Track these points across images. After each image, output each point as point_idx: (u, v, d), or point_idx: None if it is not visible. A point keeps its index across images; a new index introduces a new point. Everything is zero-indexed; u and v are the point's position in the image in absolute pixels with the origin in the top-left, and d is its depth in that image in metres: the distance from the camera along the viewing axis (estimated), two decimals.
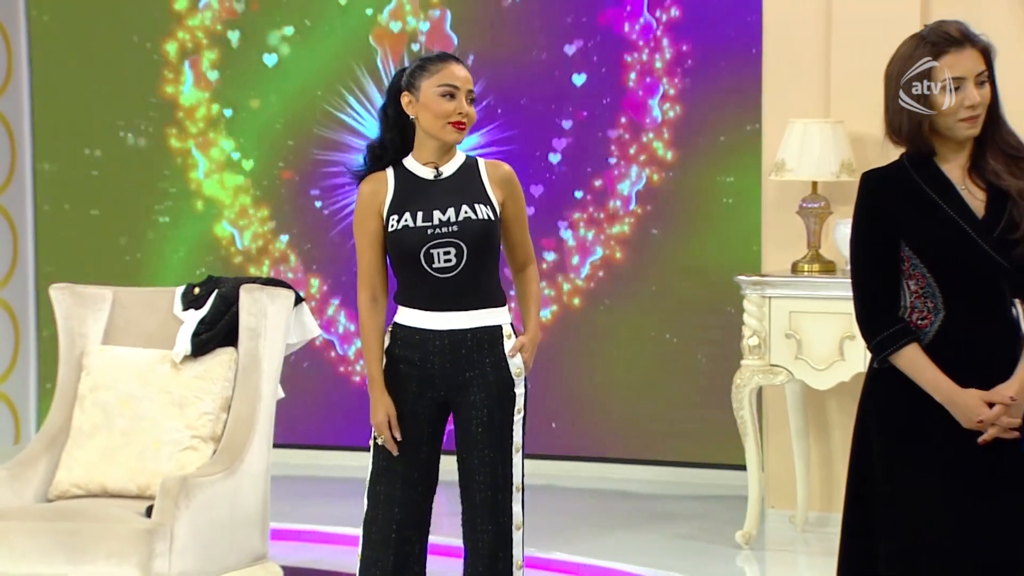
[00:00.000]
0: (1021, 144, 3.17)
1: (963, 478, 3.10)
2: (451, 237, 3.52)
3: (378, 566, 3.58)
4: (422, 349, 3.56)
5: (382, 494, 3.58)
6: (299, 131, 7.14)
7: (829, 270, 5.45)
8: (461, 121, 3.54)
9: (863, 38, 5.33)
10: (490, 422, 3.56)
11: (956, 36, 3.11)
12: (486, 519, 3.55)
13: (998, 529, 3.09)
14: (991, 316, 3.13)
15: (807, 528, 5.63)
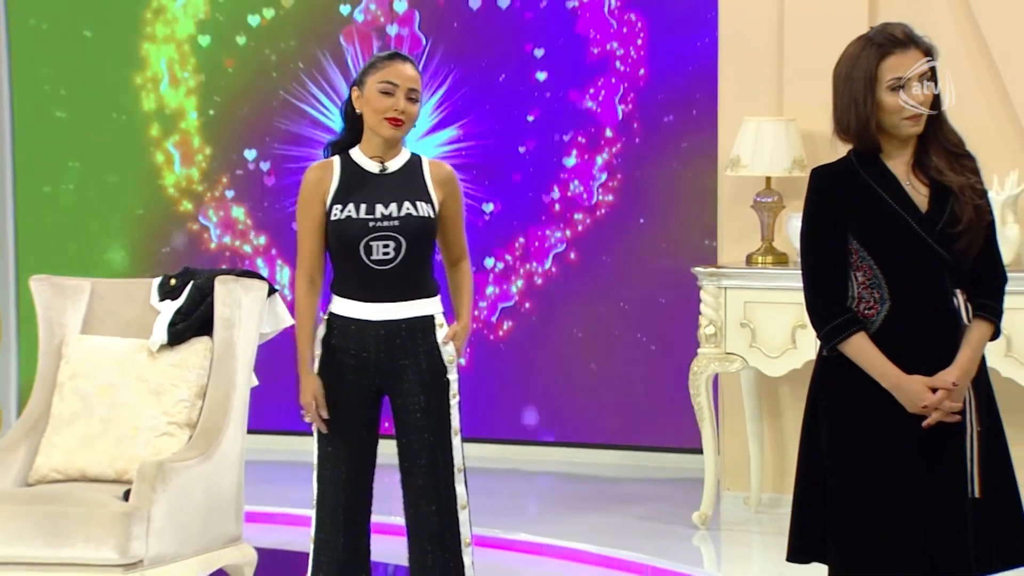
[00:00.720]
0: (962, 142, 3.21)
1: (907, 460, 3.13)
2: (391, 231, 3.53)
3: (331, 547, 3.60)
4: (358, 338, 3.57)
5: (328, 479, 3.60)
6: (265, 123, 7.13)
7: (782, 262, 5.47)
8: (397, 118, 3.54)
9: (814, 39, 5.35)
10: (427, 407, 3.57)
11: (901, 38, 3.14)
12: (431, 500, 3.56)
13: (940, 506, 3.13)
14: (934, 306, 3.16)
15: (760, 509, 5.66)
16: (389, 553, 4.24)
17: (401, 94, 3.54)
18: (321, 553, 3.62)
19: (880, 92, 3.12)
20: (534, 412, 6.80)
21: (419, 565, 3.59)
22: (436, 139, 6.85)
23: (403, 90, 3.54)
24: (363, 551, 3.64)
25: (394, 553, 4.47)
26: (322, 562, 3.63)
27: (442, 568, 3.57)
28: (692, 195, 6.46)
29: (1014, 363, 5.04)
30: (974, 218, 3.14)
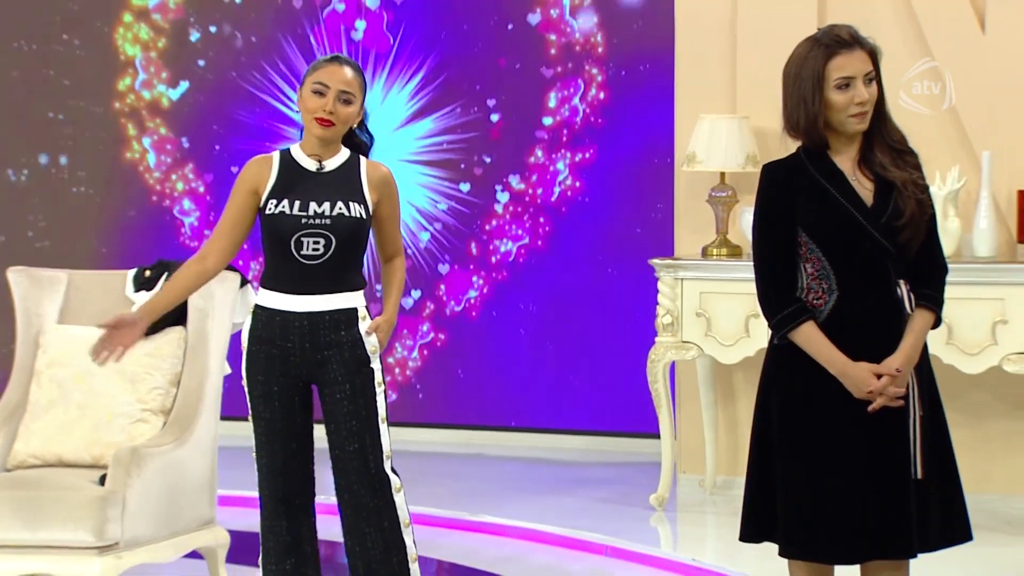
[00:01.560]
0: (905, 139, 3.22)
1: (853, 443, 3.15)
2: (322, 229, 3.52)
3: (275, 532, 3.61)
4: (283, 330, 3.55)
5: (265, 467, 3.60)
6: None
7: (736, 254, 5.50)
8: (325, 118, 3.52)
9: (765, 41, 5.38)
10: (353, 395, 3.55)
11: (847, 39, 3.15)
12: (364, 485, 3.55)
13: (884, 488, 3.15)
14: (879, 296, 3.17)
15: (715, 491, 5.69)
16: (337, 533, 4.23)
17: (332, 95, 3.52)
18: (267, 539, 3.63)
19: (827, 91, 3.13)
20: (498, 399, 6.81)
21: (360, 547, 3.57)
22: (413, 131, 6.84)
23: (334, 92, 3.52)
24: (307, 533, 3.64)
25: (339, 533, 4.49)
26: (268, 547, 3.63)
27: (382, 548, 3.56)
28: (650, 190, 6.48)
29: (955, 350, 5.09)
30: (916, 212, 3.16)
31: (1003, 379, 5.23)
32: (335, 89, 3.53)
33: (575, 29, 6.63)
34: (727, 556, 4.78)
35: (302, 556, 3.63)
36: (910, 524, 3.14)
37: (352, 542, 3.59)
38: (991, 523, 5.09)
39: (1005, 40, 5.31)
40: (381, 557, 3.57)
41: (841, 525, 3.14)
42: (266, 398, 3.59)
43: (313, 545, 3.66)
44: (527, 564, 4.91)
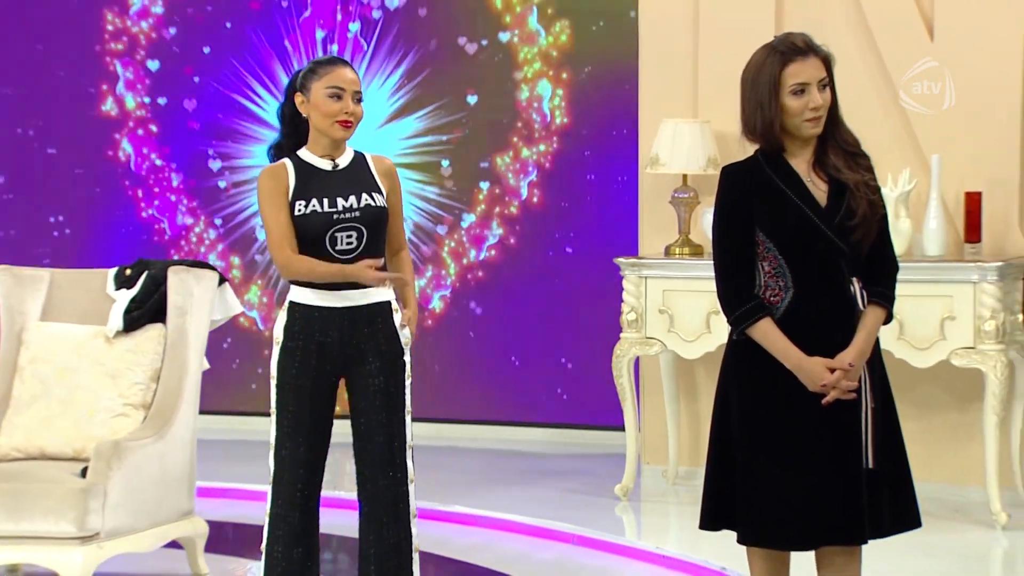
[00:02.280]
0: (857, 142, 3.24)
1: (808, 434, 3.15)
2: (354, 222, 3.52)
3: (287, 521, 3.58)
4: (321, 325, 3.55)
5: (287, 457, 3.57)
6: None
7: (698, 253, 5.51)
8: (347, 120, 3.54)
9: (725, 48, 5.40)
10: (386, 388, 3.56)
11: (801, 46, 3.16)
12: (386, 474, 3.56)
13: (838, 477, 3.16)
14: (833, 293, 3.18)
15: (677, 481, 5.70)
16: (336, 526, 4.24)
17: (348, 97, 3.53)
18: (277, 526, 3.60)
19: (783, 96, 3.14)
20: (470, 394, 6.81)
21: (375, 534, 3.58)
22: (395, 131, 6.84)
23: (350, 93, 3.53)
24: (314, 523, 3.63)
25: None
26: (278, 535, 3.60)
27: (395, 536, 3.57)
28: (615, 191, 6.50)
29: (905, 345, 5.11)
30: (868, 212, 3.18)
31: (951, 373, 5.27)
32: (350, 91, 3.54)
33: (543, 36, 6.63)
34: (689, 544, 4.79)
35: (308, 546, 3.62)
36: (862, 512, 3.15)
37: (368, 531, 3.59)
38: (939, 511, 5.12)
39: (953, 48, 5.35)
40: (393, 546, 3.57)
41: (796, 513, 3.15)
42: (298, 392, 3.56)
43: (317, 536, 3.66)
44: (497, 552, 4.91)
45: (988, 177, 5.29)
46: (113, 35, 7.20)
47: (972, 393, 5.27)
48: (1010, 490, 5.21)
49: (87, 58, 7.24)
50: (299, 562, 3.60)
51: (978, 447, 5.22)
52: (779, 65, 3.14)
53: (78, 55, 7.23)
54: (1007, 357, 5.06)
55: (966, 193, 5.24)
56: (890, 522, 3.21)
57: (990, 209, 5.25)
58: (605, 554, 4.88)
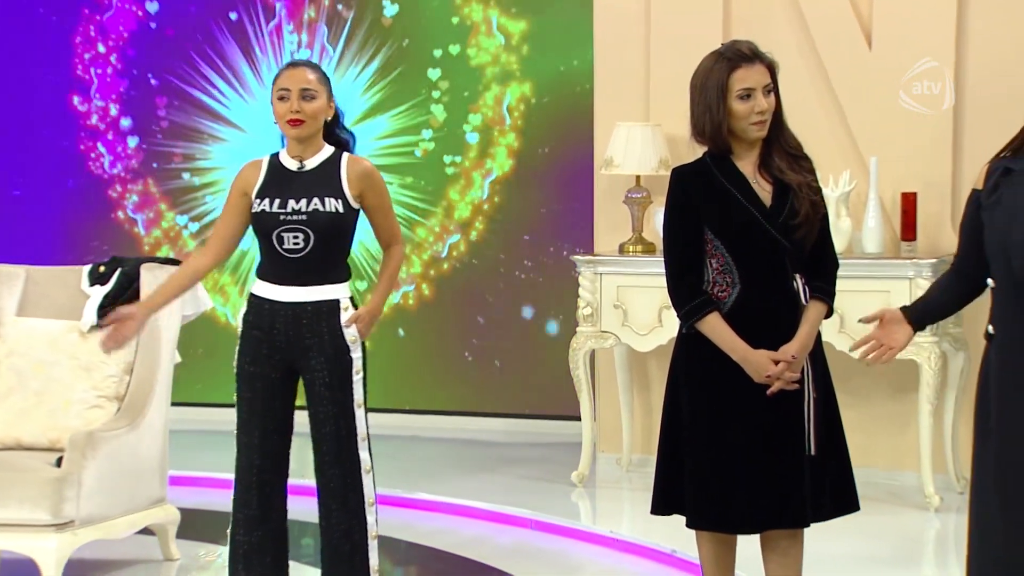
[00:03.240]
0: (800, 145, 3.25)
1: (754, 423, 3.17)
2: (300, 224, 3.50)
3: (246, 504, 3.57)
4: (270, 318, 3.54)
5: (244, 444, 3.57)
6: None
7: (650, 251, 5.52)
8: (295, 118, 3.51)
9: (675, 55, 5.40)
10: (331, 382, 3.54)
11: (747, 53, 3.17)
12: (335, 464, 3.54)
13: (782, 463, 3.17)
14: (777, 289, 3.19)
15: (631, 468, 5.71)
16: (310, 513, 4.21)
17: (295, 96, 3.50)
18: (237, 511, 3.59)
19: (730, 100, 3.15)
20: (433, 386, 6.79)
21: (327, 521, 3.58)
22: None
23: (296, 92, 3.50)
24: (277, 511, 3.60)
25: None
26: (239, 519, 3.59)
27: (345, 526, 3.55)
28: (572, 191, 6.50)
29: (846, 338, 5.12)
30: (811, 212, 3.19)
31: (889, 364, 5.25)
32: (296, 90, 3.51)
33: (503, 42, 6.63)
34: (641, 528, 4.80)
35: (269, 530, 3.59)
36: (804, 496, 3.17)
37: (322, 518, 3.59)
38: (876, 494, 5.16)
39: (889, 56, 5.38)
40: (344, 533, 3.56)
41: (743, 498, 3.17)
42: (249, 380, 3.56)
43: (281, 521, 3.63)
44: (459, 536, 4.90)
45: (923, 179, 5.33)
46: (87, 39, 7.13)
47: (907, 383, 5.30)
48: (942, 475, 5.26)
49: (61, 60, 7.16)
50: (259, 546, 3.58)
51: (913, 434, 5.26)
52: (726, 71, 3.14)
53: (52, 57, 7.16)
54: (940, 349, 5.10)
55: (902, 194, 5.27)
56: (831, 506, 3.23)
57: (925, 209, 5.29)
58: (562, 538, 4.88)
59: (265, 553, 3.59)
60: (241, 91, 6.98)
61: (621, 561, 4.59)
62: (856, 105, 5.41)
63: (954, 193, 5.28)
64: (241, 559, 3.59)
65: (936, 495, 5.08)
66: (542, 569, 4.47)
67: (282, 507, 3.62)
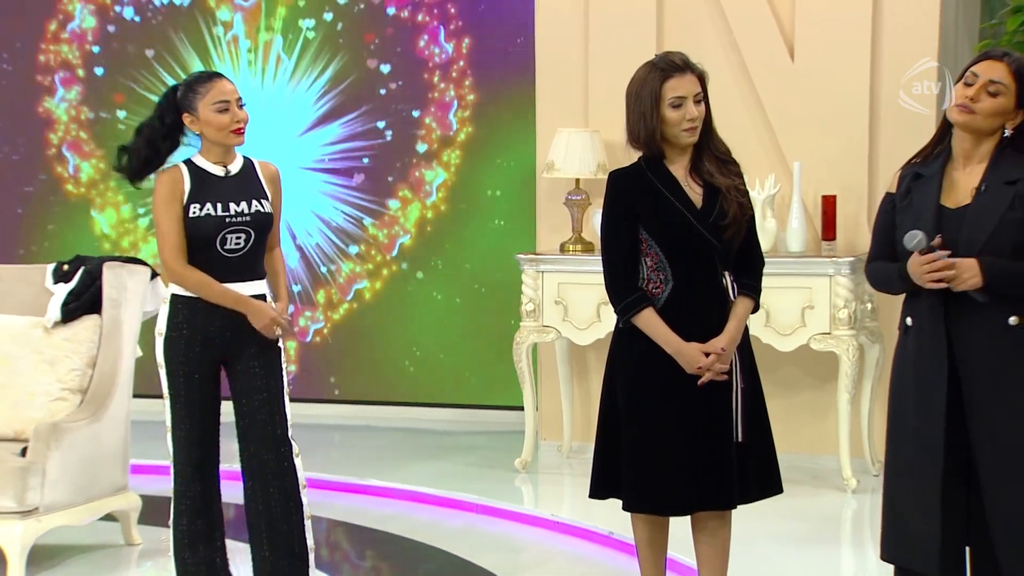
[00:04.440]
0: (728, 151, 3.26)
1: (685, 411, 3.18)
2: (244, 225, 3.48)
3: (188, 496, 3.55)
4: (206, 316, 3.49)
5: (183, 438, 3.53)
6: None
7: (589, 250, 5.51)
8: (239, 127, 3.49)
9: (612, 65, 5.40)
10: (263, 371, 3.52)
11: (679, 64, 3.18)
12: (271, 450, 3.51)
13: (711, 449, 3.19)
14: (708, 285, 3.21)
15: (571, 455, 5.70)
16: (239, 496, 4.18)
17: (234, 106, 3.47)
18: (180, 502, 3.56)
19: (663, 108, 3.16)
20: (383, 377, 6.75)
21: (264, 505, 3.52)
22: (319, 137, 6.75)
23: (233, 102, 3.47)
24: (215, 496, 3.59)
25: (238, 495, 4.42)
26: (181, 509, 3.56)
27: (284, 505, 3.52)
28: (515, 193, 6.49)
29: (771, 332, 5.17)
30: (738, 213, 3.20)
31: (810, 356, 5.34)
32: (233, 99, 3.48)
33: (450, 53, 6.60)
34: (581, 511, 4.80)
35: (211, 516, 3.58)
36: (732, 480, 3.19)
37: (256, 502, 3.54)
38: (799, 478, 5.20)
39: (810, 68, 5.41)
40: (283, 514, 3.53)
41: (675, 482, 3.18)
42: (187, 378, 3.51)
43: (219, 506, 3.61)
44: (409, 521, 4.88)
45: (842, 182, 5.37)
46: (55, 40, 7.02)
47: (828, 373, 5.35)
48: (859, 459, 5.31)
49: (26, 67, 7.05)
50: (203, 532, 3.57)
51: (832, 421, 5.30)
52: (660, 81, 3.15)
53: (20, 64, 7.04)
54: (858, 341, 5.15)
55: (823, 196, 5.31)
56: (757, 489, 3.25)
57: (843, 210, 5.33)
58: (506, 521, 4.87)
59: (209, 538, 3.58)
60: None
61: (561, 542, 4.59)
62: (780, 113, 5.45)
63: (870, 196, 5.33)
64: (187, 546, 3.57)
65: (853, 477, 5.13)
66: (487, 551, 4.46)
67: (219, 493, 3.60)
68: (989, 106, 2.85)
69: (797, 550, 4.39)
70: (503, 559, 4.36)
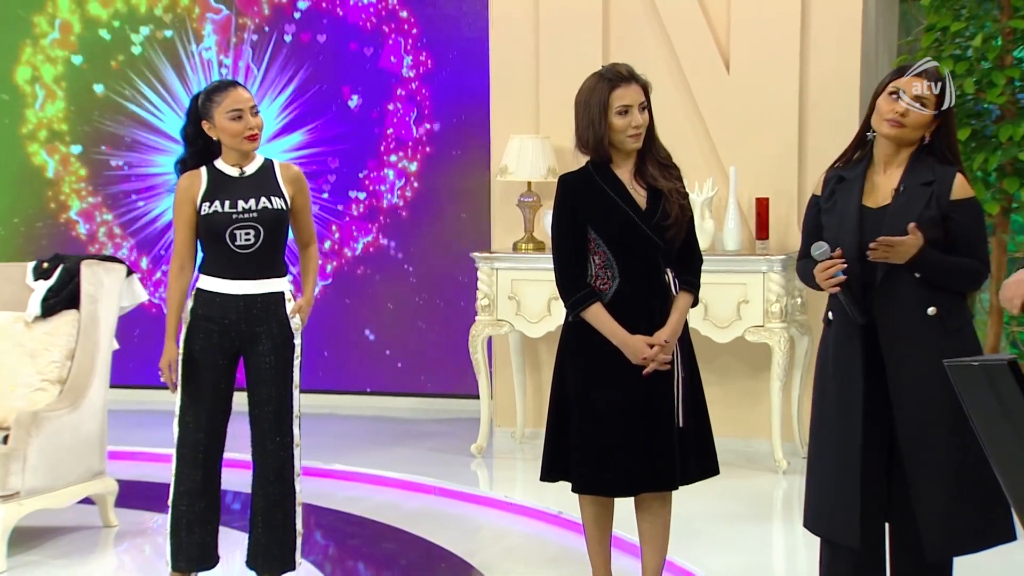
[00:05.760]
0: (670, 156, 3.28)
1: (630, 398, 3.19)
2: (252, 221, 3.45)
3: (191, 479, 3.51)
4: (222, 309, 3.47)
5: (191, 423, 3.49)
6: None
7: (540, 248, 5.51)
8: (253, 134, 3.49)
9: (562, 76, 5.40)
10: (276, 365, 3.49)
11: (625, 75, 3.19)
12: (274, 439, 3.50)
13: (654, 433, 3.20)
14: (652, 281, 3.22)
15: (523, 440, 5.71)
16: (236, 483, 4.14)
17: (248, 114, 3.47)
18: (181, 483, 3.52)
19: (610, 116, 3.17)
20: (348, 368, 6.73)
21: (263, 491, 3.52)
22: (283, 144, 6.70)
23: (247, 110, 3.47)
24: (216, 481, 3.55)
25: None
26: (182, 491, 3.52)
27: (281, 493, 3.51)
28: (471, 195, 6.48)
29: (709, 324, 5.20)
30: (679, 214, 3.22)
31: (745, 347, 5.38)
32: (247, 108, 3.47)
33: (410, 64, 6.58)
34: (533, 493, 4.80)
35: (209, 501, 3.54)
36: (673, 462, 3.20)
37: (258, 486, 3.53)
38: (734, 460, 5.24)
39: (744, 80, 5.45)
40: (278, 501, 3.52)
41: (619, 465, 3.19)
42: (198, 365, 3.47)
43: (218, 492, 3.57)
44: (371, 503, 4.86)
45: (774, 186, 5.41)
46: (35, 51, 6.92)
47: (761, 363, 5.39)
48: (790, 442, 5.35)
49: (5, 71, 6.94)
50: (201, 514, 3.53)
51: (765, 407, 5.34)
52: (607, 90, 3.16)
53: None
54: (788, 334, 5.19)
55: (757, 199, 5.34)
56: (695, 470, 3.27)
57: (775, 212, 5.37)
58: (462, 503, 4.86)
59: (205, 521, 3.54)
60: (174, 106, 6.83)
61: (514, 522, 4.59)
62: (717, 122, 5.48)
63: (800, 198, 5.37)
64: (184, 528, 3.52)
65: (784, 459, 5.17)
66: (445, 530, 4.45)
67: (219, 479, 3.57)
68: (917, 119, 2.91)
69: (732, 527, 4.42)
70: (460, 537, 4.35)
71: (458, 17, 6.48)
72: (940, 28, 5.06)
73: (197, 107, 3.52)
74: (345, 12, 6.63)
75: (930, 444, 2.85)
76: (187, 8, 6.78)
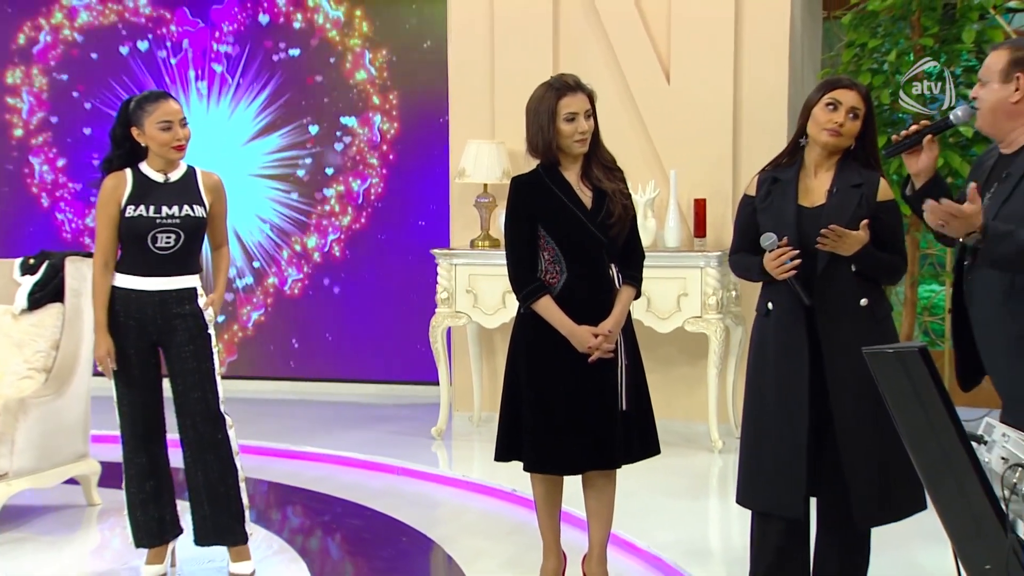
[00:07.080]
0: (614, 159, 3.29)
1: (578, 384, 3.20)
2: (174, 227, 3.43)
3: (136, 463, 3.50)
4: (138, 304, 3.45)
5: (127, 412, 3.47)
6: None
7: (496, 246, 5.52)
8: (180, 144, 3.45)
9: (514, 85, 5.42)
10: (195, 353, 3.47)
11: (572, 84, 3.19)
12: (205, 423, 3.47)
13: (600, 417, 3.21)
14: (597, 275, 3.23)
15: (480, 424, 5.72)
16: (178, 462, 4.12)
17: (177, 125, 3.42)
18: (129, 467, 3.51)
19: (558, 122, 3.17)
20: (316, 357, 6.70)
21: (202, 471, 3.48)
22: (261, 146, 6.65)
23: (176, 122, 3.42)
24: (162, 461, 3.53)
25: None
26: (131, 475, 3.51)
27: (220, 470, 3.49)
28: (431, 196, 6.48)
29: (651, 316, 5.23)
30: (623, 214, 3.23)
31: (684, 336, 5.42)
32: (176, 120, 3.43)
33: (374, 75, 6.56)
34: (488, 472, 4.81)
35: (158, 479, 3.52)
36: (617, 443, 3.22)
37: (195, 468, 3.49)
38: (674, 440, 5.28)
39: (683, 90, 5.49)
40: (219, 477, 3.49)
41: (567, 446, 3.20)
42: (126, 358, 3.45)
43: (167, 470, 3.55)
44: (337, 482, 4.85)
45: (711, 187, 5.46)
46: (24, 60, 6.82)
47: (699, 351, 5.43)
48: (725, 424, 5.40)
49: None
50: (153, 493, 3.52)
51: (703, 392, 5.39)
52: (555, 98, 3.17)
53: None
54: (724, 324, 5.24)
55: (695, 200, 5.38)
56: (638, 450, 3.29)
57: (712, 211, 5.42)
58: (423, 482, 4.86)
59: (158, 498, 3.52)
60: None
61: (471, 499, 4.60)
62: (658, 128, 5.51)
63: (734, 199, 5.42)
64: (139, 507, 3.52)
65: (720, 440, 5.22)
66: (407, 507, 4.45)
67: (166, 459, 3.54)
68: (852, 128, 2.99)
69: (672, 502, 4.46)
70: (420, 514, 4.36)
71: (419, 34, 6.47)
72: (859, 44, 5.14)
73: (128, 112, 3.46)
74: (313, 26, 6.59)
75: (863, 422, 2.89)
76: (165, 20, 6.71)
